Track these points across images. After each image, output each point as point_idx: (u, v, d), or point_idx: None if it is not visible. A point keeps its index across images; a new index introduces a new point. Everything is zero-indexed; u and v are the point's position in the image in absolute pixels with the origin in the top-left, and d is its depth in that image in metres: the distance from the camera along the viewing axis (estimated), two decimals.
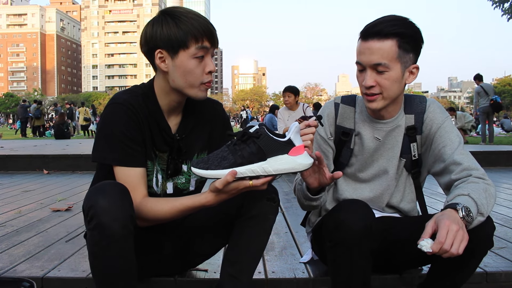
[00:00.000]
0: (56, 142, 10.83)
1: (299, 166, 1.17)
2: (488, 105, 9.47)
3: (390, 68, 1.33)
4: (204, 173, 1.17)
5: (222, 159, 1.16)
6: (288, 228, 2.47)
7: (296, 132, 1.18)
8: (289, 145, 1.16)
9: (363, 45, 1.35)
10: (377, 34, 1.31)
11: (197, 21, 1.27)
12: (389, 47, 1.31)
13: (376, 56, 1.32)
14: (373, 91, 1.36)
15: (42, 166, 5.54)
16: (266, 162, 1.15)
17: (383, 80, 1.34)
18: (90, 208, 1.13)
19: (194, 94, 1.32)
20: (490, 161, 5.87)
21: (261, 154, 1.14)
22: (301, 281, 1.65)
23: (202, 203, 1.23)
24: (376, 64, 1.33)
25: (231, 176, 1.14)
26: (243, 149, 1.15)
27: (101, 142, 1.31)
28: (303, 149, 1.17)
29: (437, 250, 1.08)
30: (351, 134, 1.51)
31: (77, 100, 57.42)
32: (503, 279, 1.69)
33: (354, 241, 1.26)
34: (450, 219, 1.12)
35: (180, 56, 1.27)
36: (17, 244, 2.11)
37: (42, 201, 3.41)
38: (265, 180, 1.16)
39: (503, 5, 15.47)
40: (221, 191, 1.18)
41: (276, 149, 1.15)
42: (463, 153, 1.37)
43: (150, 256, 1.48)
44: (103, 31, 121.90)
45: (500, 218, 2.73)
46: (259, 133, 1.16)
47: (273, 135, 1.17)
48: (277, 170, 1.15)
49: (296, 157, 1.16)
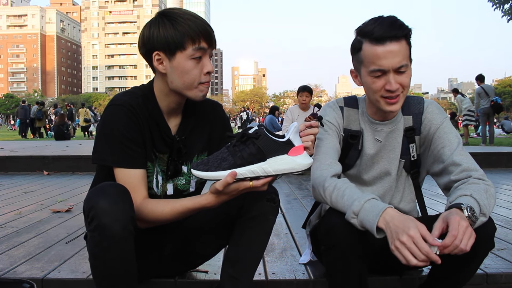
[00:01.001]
0: (56, 143, 10.84)
1: (298, 166, 1.17)
2: (489, 106, 9.42)
3: (408, 67, 1.35)
4: (204, 175, 1.17)
5: (221, 160, 1.17)
6: (288, 229, 2.47)
7: (295, 132, 1.18)
8: (288, 145, 1.16)
9: (382, 48, 1.31)
10: (395, 37, 1.31)
11: (193, 22, 1.26)
12: (405, 47, 1.33)
13: (398, 58, 1.32)
14: (397, 93, 1.36)
15: (42, 167, 5.54)
16: (266, 163, 1.15)
17: (404, 79, 1.35)
18: (91, 209, 1.13)
19: (193, 95, 1.32)
20: (490, 162, 5.87)
21: (260, 154, 1.15)
22: (301, 283, 1.65)
23: (203, 204, 1.23)
24: (400, 66, 1.33)
25: (231, 177, 1.14)
26: (243, 150, 1.16)
27: (101, 144, 1.31)
28: (302, 149, 1.17)
29: (449, 244, 1.07)
30: (359, 136, 1.51)
31: (77, 101, 57.39)
32: (504, 280, 1.68)
33: (346, 245, 1.25)
34: (459, 216, 1.13)
35: (178, 58, 1.27)
36: (17, 245, 2.11)
37: (42, 202, 3.41)
38: (265, 180, 1.16)
39: (503, 7, 15.49)
40: (222, 193, 1.18)
41: (275, 150, 1.15)
42: (462, 153, 1.37)
43: (151, 257, 1.48)
44: (103, 32, 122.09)
45: (500, 220, 2.73)
46: (258, 133, 1.16)
47: (272, 136, 1.17)
48: (276, 171, 1.15)
49: (295, 157, 1.16)
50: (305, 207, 3.20)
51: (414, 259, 1.08)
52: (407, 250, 1.09)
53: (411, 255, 1.08)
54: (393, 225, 1.13)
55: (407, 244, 1.09)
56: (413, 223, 1.12)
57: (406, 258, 1.09)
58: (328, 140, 1.47)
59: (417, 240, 1.08)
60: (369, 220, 1.18)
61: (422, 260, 1.08)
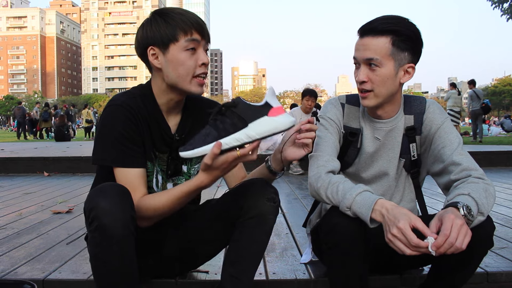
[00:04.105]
0: (57, 144, 10.84)
1: (281, 125, 1.17)
2: (479, 108, 10.95)
3: (382, 65, 1.35)
4: (191, 153, 1.17)
5: (205, 136, 1.18)
6: (289, 229, 2.47)
7: (272, 94, 1.20)
8: (266, 107, 1.17)
9: (359, 41, 1.39)
10: (372, 31, 1.35)
11: (184, 15, 1.30)
12: (383, 43, 1.34)
13: (369, 52, 1.35)
14: (365, 87, 1.38)
15: (43, 168, 5.54)
16: (248, 128, 1.15)
17: (374, 76, 1.36)
18: (91, 210, 1.14)
19: (188, 88, 1.32)
20: (490, 161, 5.88)
21: (241, 122, 1.16)
22: (302, 282, 1.65)
23: (197, 184, 1.23)
24: (368, 59, 1.35)
25: (217, 148, 1.14)
26: (224, 122, 1.17)
27: (100, 144, 1.31)
28: (282, 110, 1.18)
29: (442, 243, 1.08)
30: (358, 134, 1.51)
31: (77, 102, 57.33)
32: (504, 279, 1.68)
33: (347, 244, 1.26)
34: (454, 214, 1.13)
35: (171, 50, 1.29)
36: (18, 247, 2.12)
37: (42, 203, 3.41)
38: (251, 146, 1.16)
39: (502, 5, 15.48)
40: (212, 167, 1.18)
41: (255, 114, 1.16)
42: (462, 153, 1.37)
43: (151, 257, 1.48)
44: (103, 33, 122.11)
45: (500, 218, 2.73)
46: (235, 102, 1.18)
47: (250, 103, 1.18)
48: (260, 133, 1.15)
49: (276, 117, 1.17)
50: (305, 207, 3.20)
51: (407, 249, 1.12)
52: (399, 241, 1.12)
53: (404, 245, 1.12)
54: (387, 218, 1.17)
55: (398, 236, 1.12)
56: (404, 216, 1.14)
57: (400, 248, 1.13)
58: (327, 138, 1.47)
59: (405, 231, 1.11)
60: (362, 212, 1.21)
61: (414, 250, 1.11)
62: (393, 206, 1.18)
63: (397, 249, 1.13)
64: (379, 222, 1.19)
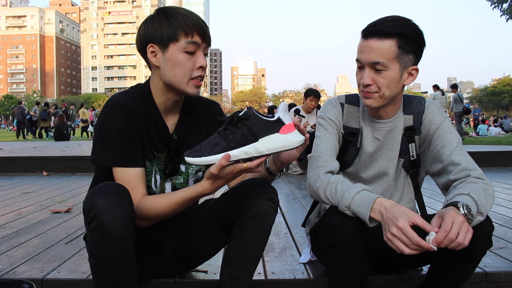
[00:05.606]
0: (56, 143, 10.83)
1: (291, 143, 1.16)
2: (462, 110, 12.19)
3: (388, 68, 1.33)
4: (198, 161, 1.17)
5: (214, 145, 1.17)
6: (288, 229, 2.47)
7: (285, 110, 1.19)
8: (279, 124, 1.16)
9: (363, 43, 1.36)
10: (378, 33, 1.32)
11: (188, 16, 1.29)
12: (389, 46, 1.32)
13: (374, 55, 1.33)
14: (369, 90, 1.37)
15: (42, 167, 5.54)
16: (258, 143, 1.15)
17: (380, 79, 1.35)
18: (91, 209, 1.13)
19: (184, 89, 1.32)
20: (489, 161, 5.89)
21: (252, 135, 1.15)
22: (301, 282, 1.65)
23: (200, 192, 1.23)
24: (374, 63, 1.33)
25: (225, 160, 1.14)
26: (234, 133, 1.16)
27: (99, 144, 1.31)
28: (293, 127, 1.17)
29: (442, 239, 1.07)
30: (358, 134, 1.51)
31: (77, 101, 57.31)
32: (503, 279, 1.69)
33: (346, 244, 1.26)
34: (455, 212, 1.13)
35: (170, 50, 1.29)
36: (17, 246, 2.11)
37: (41, 202, 3.41)
38: (259, 161, 1.16)
39: (501, 6, 15.48)
40: (217, 177, 1.18)
41: (266, 129, 1.15)
42: (461, 153, 1.37)
43: (150, 257, 1.48)
44: (102, 33, 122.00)
45: (499, 218, 2.73)
46: (248, 115, 1.16)
47: (262, 116, 1.17)
48: (269, 149, 1.15)
49: (287, 135, 1.16)
50: (304, 207, 3.20)
51: (406, 248, 1.11)
52: (398, 240, 1.12)
53: (403, 245, 1.11)
54: (386, 217, 1.16)
55: (397, 235, 1.11)
56: (403, 214, 1.13)
57: (399, 247, 1.12)
58: (326, 138, 1.47)
59: (405, 230, 1.10)
60: (361, 211, 1.21)
61: (414, 249, 1.10)
62: (392, 204, 1.18)
63: (396, 248, 1.13)
64: (378, 221, 1.19)
